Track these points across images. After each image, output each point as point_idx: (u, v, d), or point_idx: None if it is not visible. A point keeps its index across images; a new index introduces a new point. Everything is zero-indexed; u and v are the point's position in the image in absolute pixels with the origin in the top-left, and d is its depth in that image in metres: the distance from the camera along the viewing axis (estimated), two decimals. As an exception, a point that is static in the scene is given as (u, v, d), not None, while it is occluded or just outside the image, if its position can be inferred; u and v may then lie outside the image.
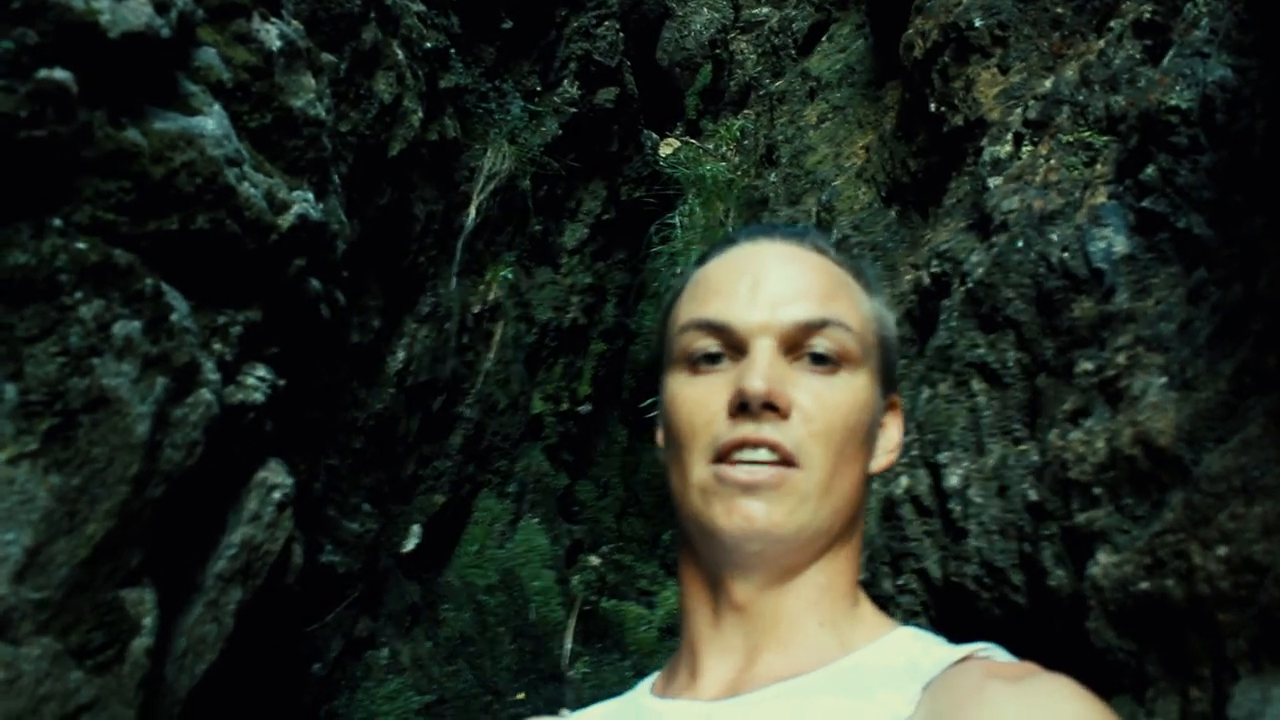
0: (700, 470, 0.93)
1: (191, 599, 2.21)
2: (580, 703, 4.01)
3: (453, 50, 4.06)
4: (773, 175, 5.00)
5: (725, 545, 0.91)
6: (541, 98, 4.84)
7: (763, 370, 0.91)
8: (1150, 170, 2.26)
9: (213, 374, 2.16)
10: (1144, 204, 2.26)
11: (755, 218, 5.06)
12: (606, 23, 5.24)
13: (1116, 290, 2.23)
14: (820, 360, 0.94)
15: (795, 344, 0.94)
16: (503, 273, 4.40)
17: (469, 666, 3.64)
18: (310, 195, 2.55)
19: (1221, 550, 1.65)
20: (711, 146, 6.07)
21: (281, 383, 2.44)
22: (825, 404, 0.92)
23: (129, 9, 1.95)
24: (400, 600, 3.60)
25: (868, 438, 0.97)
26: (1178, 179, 2.20)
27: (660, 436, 1.05)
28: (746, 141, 5.78)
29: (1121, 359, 2.09)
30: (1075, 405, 2.18)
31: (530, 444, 4.74)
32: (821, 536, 0.93)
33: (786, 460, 0.90)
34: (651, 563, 4.86)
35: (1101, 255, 2.30)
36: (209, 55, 2.31)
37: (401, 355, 3.59)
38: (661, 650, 4.23)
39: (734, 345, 0.95)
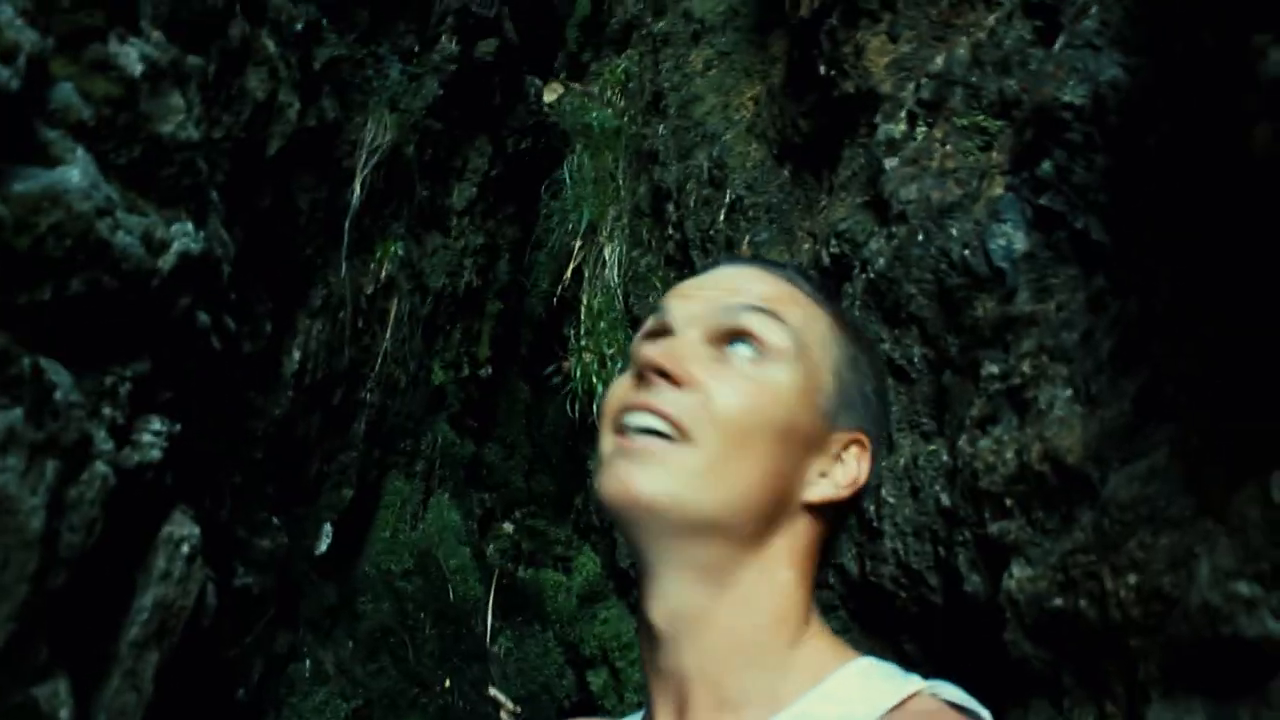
0: (605, 441, 0.92)
1: (108, 670, 2.14)
2: (505, 679, 4.05)
3: (325, 21, 3.87)
4: (661, 126, 4.93)
5: (609, 513, 0.90)
6: (420, 57, 4.66)
7: (665, 344, 0.91)
8: (1046, 165, 2.28)
9: (105, 443, 2.06)
10: (1041, 201, 2.28)
11: (645, 170, 5.00)
12: (482, -29, 5.05)
13: (1018, 291, 2.26)
14: (744, 342, 0.91)
15: (725, 333, 0.92)
16: (393, 248, 4.28)
17: (392, 660, 3.62)
18: (189, 226, 2.43)
19: (1132, 579, 1.71)
20: (596, 90, 5.94)
21: (177, 428, 2.35)
22: (731, 386, 0.89)
23: (-27, 69, 1.81)
24: (317, 605, 3.56)
25: (784, 438, 0.90)
26: (1073, 177, 2.22)
27: None
28: (632, 84, 5.68)
29: (1026, 367, 2.13)
30: (983, 411, 2.21)
31: (434, 416, 4.68)
32: (711, 528, 0.87)
33: (678, 430, 0.87)
34: (565, 526, 4.88)
35: (1001, 254, 2.32)
36: (66, 92, 2.15)
37: (297, 355, 3.48)
38: (581, 618, 4.27)
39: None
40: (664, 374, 0.88)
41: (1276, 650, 1.40)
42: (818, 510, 0.93)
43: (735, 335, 0.91)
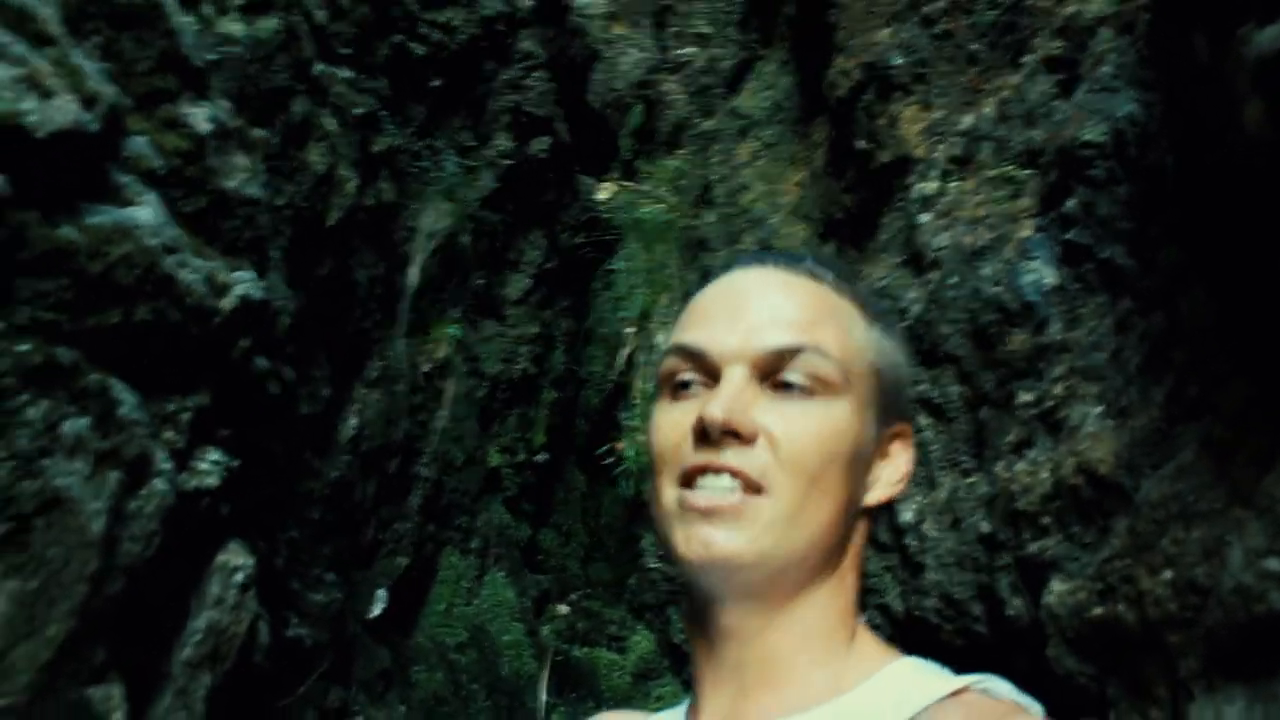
0: (668, 494, 0.91)
1: (161, 688, 2.20)
2: (558, 756, 4.00)
3: (384, 113, 4.08)
4: (710, 215, 5.07)
5: (688, 572, 0.90)
6: (475, 152, 4.87)
7: (724, 397, 0.89)
8: (1071, 203, 2.34)
9: (165, 463, 2.15)
10: (1068, 236, 2.33)
11: (695, 259, 5.12)
12: (535, 73, 5.30)
13: (1049, 321, 2.30)
14: (793, 388, 0.91)
15: (770, 370, 0.92)
16: (449, 329, 4.41)
17: (443, 728, 3.62)
18: (251, 274, 2.56)
19: (1166, 574, 1.71)
20: (648, 188, 6.13)
21: (235, 464, 2.44)
22: (795, 430, 0.90)
23: (55, 107, 1.96)
24: (370, 667, 3.58)
25: (850, 467, 0.92)
26: (1098, 211, 2.27)
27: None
28: (683, 182, 5.85)
29: (1059, 390, 2.15)
30: (1018, 437, 2.24)
31: (490, 498, 4.74)
32: (795, 567, 0.90)
33: (751, 486, 0.87)
34: (619, 608, 4.87)
35: (1032, 288, 2.36)
36: (139, 144, 2.31)
37: (354, 422, 3.59)
38: (635, 695, 4.23)
39: (709, 372, 0.93)
40: (733, 433, 0.88)
41: (1307, 620, 1.40)
42: (872, 508, 0.97)
43: (783, 374, 0.92)
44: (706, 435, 0.89)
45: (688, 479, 0.90)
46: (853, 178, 3.80)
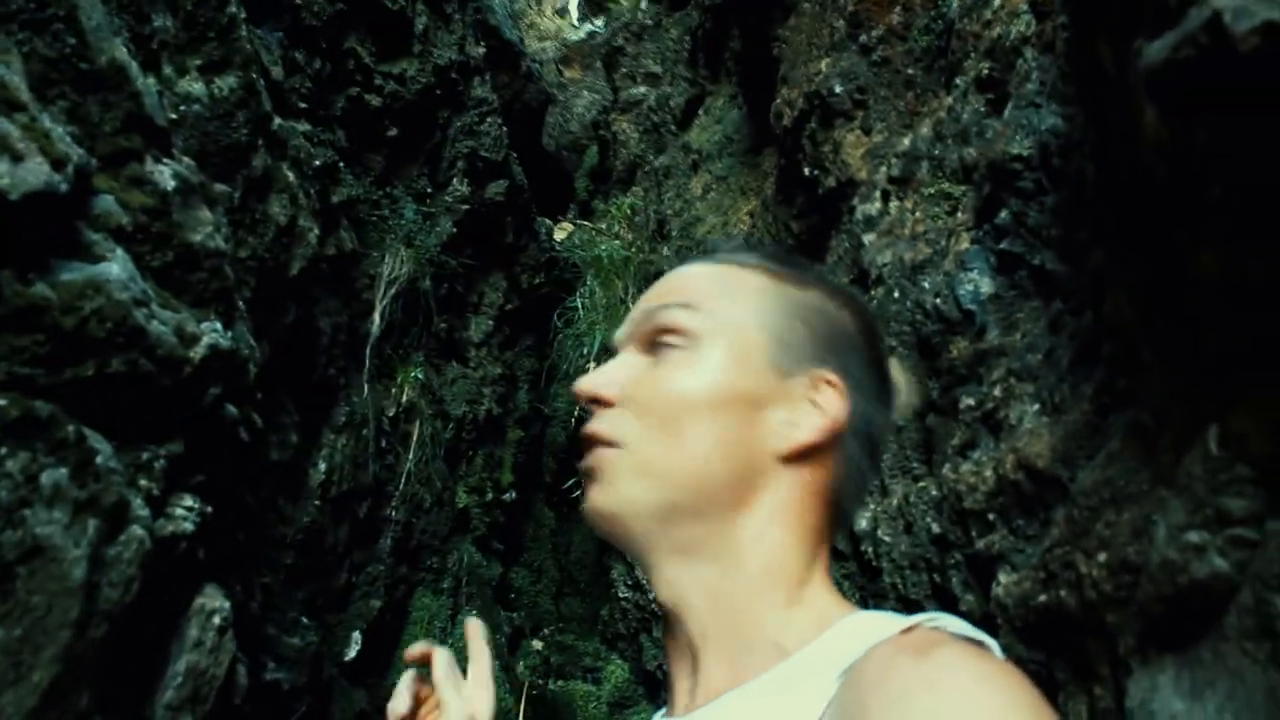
0: None
1: (142, 734, 2.24)
2: (538, 789, 4.04)
3: (342, 163, 4.17)
4: (665, 249, 5.18)
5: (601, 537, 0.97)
6: (433, 198, 4.97)
7: (594, 373, 0.96)
8: (1004, 214, 2.46)
9: (142, 510, 2.21)
10: (1002, 246, 2.45)
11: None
12: (489, 119, 5.40)
13: (987, 328, 2.42)
14: (663, 348, 0.94)
15: (650, 338, 0.96)
16: (413, 374, 4.48)
17: (423, 767, 3.64)
18: (218, 325, 2.63)
19: (1101, 556, 1.81)
20: (605, 226, 6.25)
21: (209, 510, 2.49)
22: (647, 382, 0.93)
23: (28, 170, 2.03)
24: (348, 709, 3.62)
25: (719, 410, 0.91)
26: (1028, 220, 2.40)
27: None
28: (638, 218, 5.98)
29: (998, 391, 2.26)
30: (962, 439, 2.34)
31: (459, 538, 4.79)
32: (673, 513, 0.90)
33: (610, 441, 0.91)
34: (593, 639, 4.92)
35: (970, 297, 2.48)
36: (107, 202, 2.38)
37: (323, 467, 3.65)
38: (612, 725, 4.28)
39: None
40: (595, 400, 0.94)
41: (1225, 585, 1.50)
42: (798, 460, 0.94)
43: (659, 337, 0.95)
44: (588, 411, 0.96)
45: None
46: (801, 204, 3.93)
